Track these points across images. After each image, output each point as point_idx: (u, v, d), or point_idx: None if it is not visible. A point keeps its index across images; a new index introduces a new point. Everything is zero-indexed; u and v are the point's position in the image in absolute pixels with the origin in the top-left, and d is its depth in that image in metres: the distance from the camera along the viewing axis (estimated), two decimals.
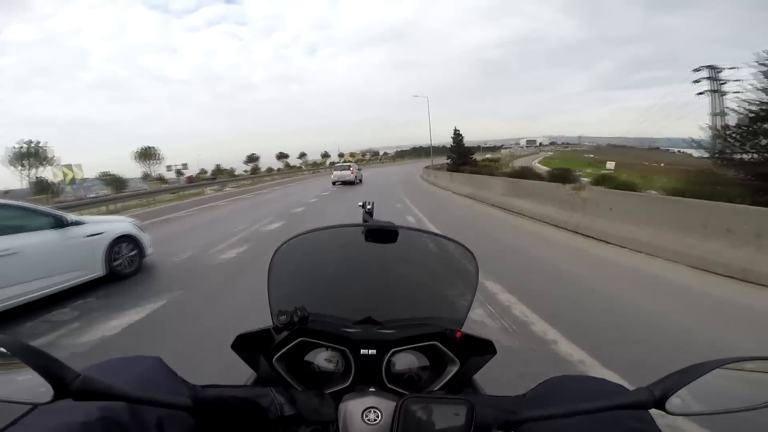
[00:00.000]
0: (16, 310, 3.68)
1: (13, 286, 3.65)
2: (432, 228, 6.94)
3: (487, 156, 66.65)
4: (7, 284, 3.60)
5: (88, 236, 4.45)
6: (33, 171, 30.59)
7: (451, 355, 0.74)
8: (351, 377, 0.72)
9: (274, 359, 0.73)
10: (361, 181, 23.92)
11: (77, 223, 4.42)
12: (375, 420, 0.52)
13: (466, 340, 0.75)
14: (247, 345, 0.74)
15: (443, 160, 36.81)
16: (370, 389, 0.61)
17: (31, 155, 30.88)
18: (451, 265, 0.90)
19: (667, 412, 0.43)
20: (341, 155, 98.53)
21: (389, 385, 0.71)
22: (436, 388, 0.73)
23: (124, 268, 4.85)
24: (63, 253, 4.15)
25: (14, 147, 31.45)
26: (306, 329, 0.72)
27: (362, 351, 0.73)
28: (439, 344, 0.74)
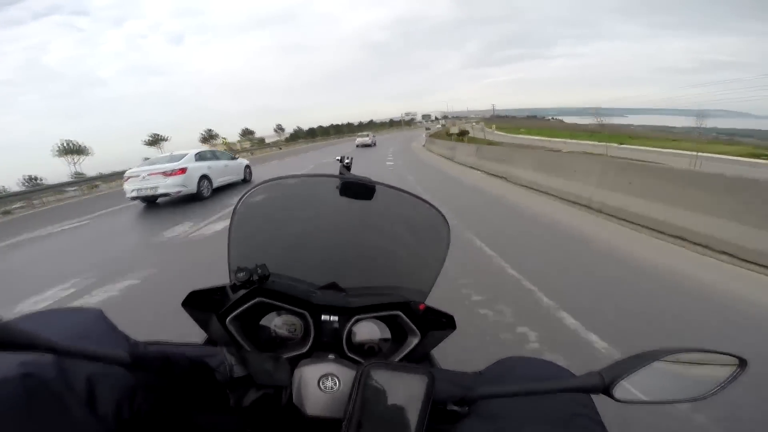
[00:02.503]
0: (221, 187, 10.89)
1: (223, 177, 10.91)
2: None
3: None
4: (223, 176, 10.88)
5: (238, 163, 11.94)
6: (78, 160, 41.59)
7: (413, 326, 0.73)
8: (309, 343, 0.70)
9: (227, 320, 0.70)
10: (375, 144, 34.98)
11: (235, 158, 12.05)
12: (332, 387, 0.52)
13: (429, 312, 0.75)
14: (200, 303, 0.71)
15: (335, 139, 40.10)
16: (329, 356, 0.60)
17: (73, 150, 41.52)
18: (423, 231, 0.88)
19: (614, 399, 0.44)
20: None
21: (349, 354, 0.70)
22: (396, 360, 0.72)
23: (248, 176, 12.31)
24: (233, 167, 11.62)
25: (59, 144, 41.40)
26: (265, 289, 0.69)
27: (323, 317, 0.72)
28: (402, 315, 0.73)
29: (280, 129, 77.80)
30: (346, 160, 1.04)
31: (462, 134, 36.29)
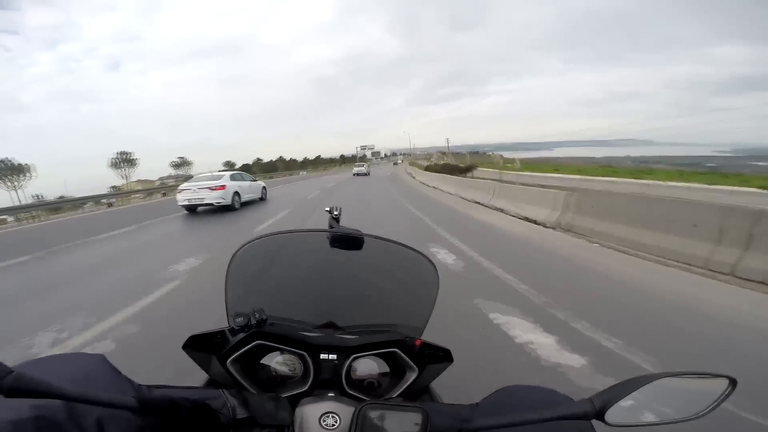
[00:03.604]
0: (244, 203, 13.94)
1: (248, 194, 13.90)
2: None
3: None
4: (248, 193, 13.87)
5: (258, 184, 15.03)
6: (129, 171, 50.18)
7: (410, 362, 0.75)
8: (309, 382, 0.72)
9: (228, 361, 0.72)
10: (368, 173, 38.57)
11: (255, 180, 15.10)
12: (333, 425, 0.53)
13: (425, 347, 0.77)
14: (200, 346, 0.73)
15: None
16: (329, 394, 0.63)
17: (125, 162, 50.37)
18: (413, 274, 0.90)
19: (607, 423, 0.45)
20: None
21: (349, 391, 0.71)
22: (394, 395, 0.74)
23: (264, 197, 15.24)
24: (254, 187, 14.58)
25: (114, 157, 49.94)
26: (263, 332, 0.71)
27: (322, 356, 0.74)
28: (398, 351, 0.75)
29: (182, 161, 76.57)
30: (335, 212, 1.12)
31: (467, 170, 30.19)
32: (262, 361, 0.74)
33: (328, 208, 1.17)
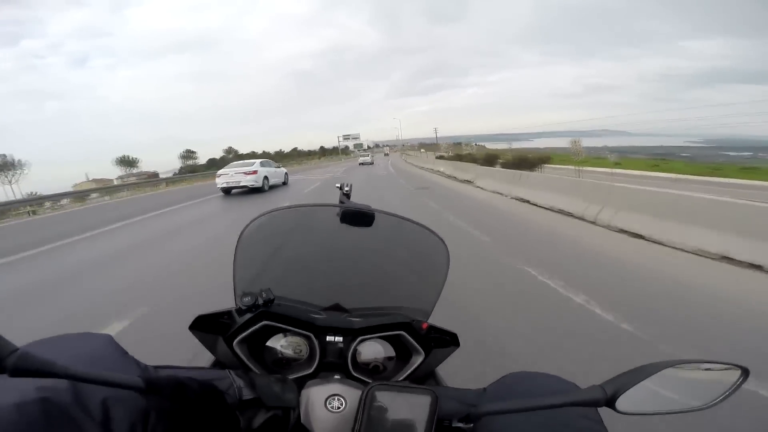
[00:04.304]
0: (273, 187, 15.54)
1: (275, 179, 15.69)
2: None
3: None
4: (275, 178, 15.71)
5: (282, 170, 17.01)
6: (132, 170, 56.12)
7: (417, 345, 0.75)
8: (315, 364, 0.72)
9: (234, 342, 0.72)
10: (372, 162, 40.46)
11: (280, 167, 16.99)
12: (339, 408, 0.53)
13: (432, 331, 0.77)
14: (207, 327, 0.74)
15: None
16: (335, 377, 0.63)
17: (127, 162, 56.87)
18: (423, 254, 0.90)
19: (618, 411, 0.45)
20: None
21: (354, 374, 0.72)
22: (400, 379, 0.74)
23: (286, 181, 17.21)
24: (279, 173, 16.82)
25: (118, 157, 56.19)
26: (270, 313, 0.72)
27: (328, 338, 0.74)
28: (405, 334, 0.75)
29: (189, 153, 78.69)
30: (346, 188, 1.11)
31: (534, 165, 23.42)
32: (267, 343, 0.74)
33: (338, 185, 1.15)
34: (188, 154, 74.60)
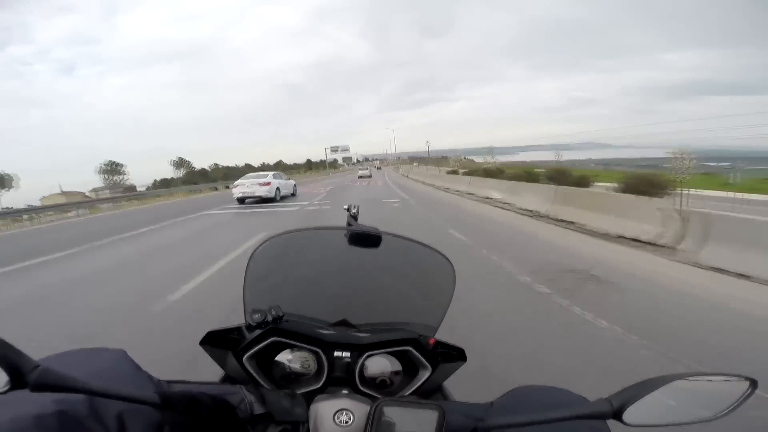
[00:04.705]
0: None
1: (285, 190, 16.59)
2: None
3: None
4: (285, 189, 16.64)
5: (291, 182, 18.27)
6: (115, 178, 55.81)
7: (424, 360, 0.76)
8: (323, 379, 0.73)
9: (244, 358, 0.73)
10: (371, 176, 42.32)
11: (290, 179, 17.98)
12: (347, 422, 0.53)
13: (439, 346, 0.77)
14: (217, 342, 0.75)
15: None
16: (343, 391, 0.64)
17: (111, 171, 55.52)
18: (430, 272, 0.91)
19: (625, 424, 0.45)
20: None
21: (362, 389, 0.73)
22: (407, 393, 0.75)
23: (295, 193, 18.20)
24: (289, 185, 17.87)
25: (102, 165, 55.72)
26: (279, 329, 0.73)
27: (336, 353, 0.75)
28: (412, 349, 0.75)
29: (181, 162, 69.49)
30: (353, 210, 1.13)
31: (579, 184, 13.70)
32: (276, 358, 0.75)
33: (346, 206, 1.17)
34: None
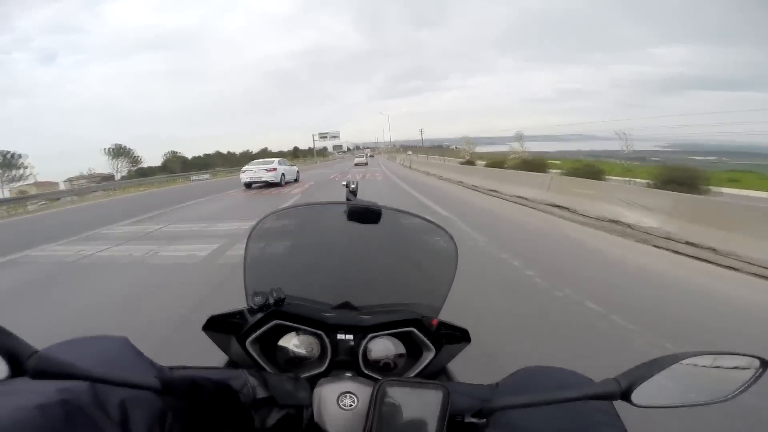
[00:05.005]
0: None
1: (289, 176, 17.08)
2: None
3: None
4: (289, 175, 17.18)
5: (295, 168, 18.71)
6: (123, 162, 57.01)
7: (427, 342, 0.75)
8: (326, 362, 0.72)
9: (247, 342, 0.73)
10: (367, 163, 41.73)
11: (293, 165, 18.58)
12: (351, 405, 0.53)
13: (442, 327, 0.77)
14: (220, 327, 0.75)
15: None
16: (347, 374, 0.64)
17: (121, 154, 56.94)
18: (432, 250, 0.90)
19: (633, 404, 0.45)
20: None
21: (365, 371, 0.72)
22: (411, 375, 0.74)
23: (298, 178, 18.72)
24: (292, 171, 18.75)
25: (109, 148, 56.21)
26: (281, 312, 0.72)
27: (339, 336, 0.74)
28: (415, 331, 0.75)
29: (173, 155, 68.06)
30: (352, 186, 1.11)
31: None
32: (279, 343, 0.75)
33: (345, 182, 1.15)
34: (173, 155, 66.36)
